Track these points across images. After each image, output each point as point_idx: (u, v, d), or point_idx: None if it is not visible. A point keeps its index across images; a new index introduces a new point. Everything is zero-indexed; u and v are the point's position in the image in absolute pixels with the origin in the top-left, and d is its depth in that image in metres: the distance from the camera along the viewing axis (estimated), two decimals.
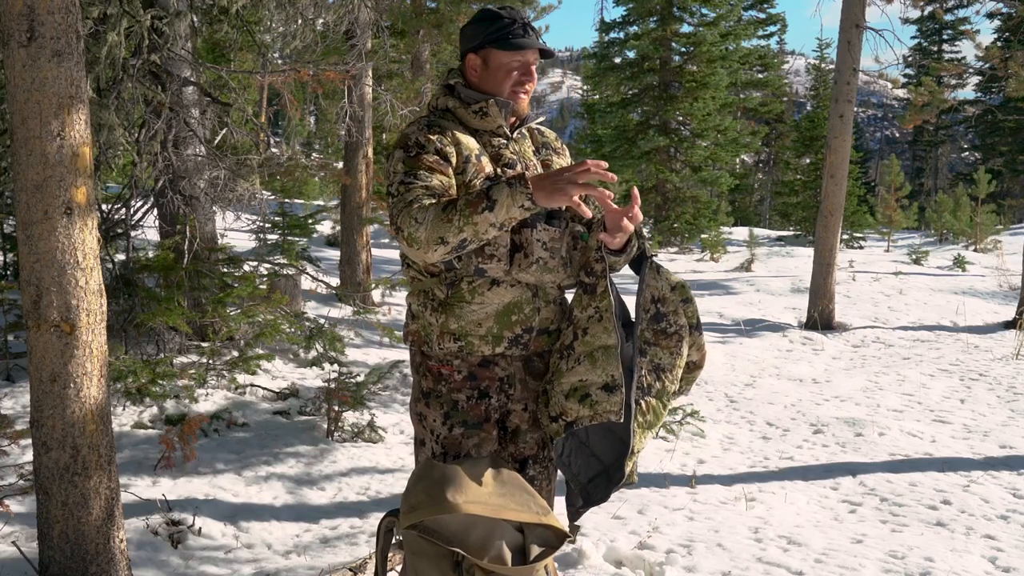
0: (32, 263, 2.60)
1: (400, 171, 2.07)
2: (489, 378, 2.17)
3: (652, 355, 2.14)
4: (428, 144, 2.09)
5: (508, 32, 2.16)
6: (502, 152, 2.20)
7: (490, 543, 1.94)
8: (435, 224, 1.94)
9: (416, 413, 2.24)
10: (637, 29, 20.25)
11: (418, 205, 1.97)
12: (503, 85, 2.19)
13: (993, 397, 6.15)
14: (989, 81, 31.24)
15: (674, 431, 5.09)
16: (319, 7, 6.23)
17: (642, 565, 3.32)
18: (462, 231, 1.94)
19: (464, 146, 2.13)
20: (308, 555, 3.46)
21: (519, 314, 2.16)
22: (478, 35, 2.19)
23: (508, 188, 1.93)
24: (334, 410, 4.86)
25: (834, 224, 9.11)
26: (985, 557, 3.47)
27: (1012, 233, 21.81)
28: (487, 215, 1.92)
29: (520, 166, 2.20)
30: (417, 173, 2.04)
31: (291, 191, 12.35)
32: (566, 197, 1.92)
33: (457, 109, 2.21)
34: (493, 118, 2.19)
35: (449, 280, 2.14)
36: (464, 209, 1.93)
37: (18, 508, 3.53)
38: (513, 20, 2.17)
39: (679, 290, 2.19)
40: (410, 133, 2.14)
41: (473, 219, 1.93)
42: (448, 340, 2.15)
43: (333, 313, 7.97)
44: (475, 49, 2.20)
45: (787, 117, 31.75)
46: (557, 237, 2.18)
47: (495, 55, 2.18)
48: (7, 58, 2.53)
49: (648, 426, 2.11)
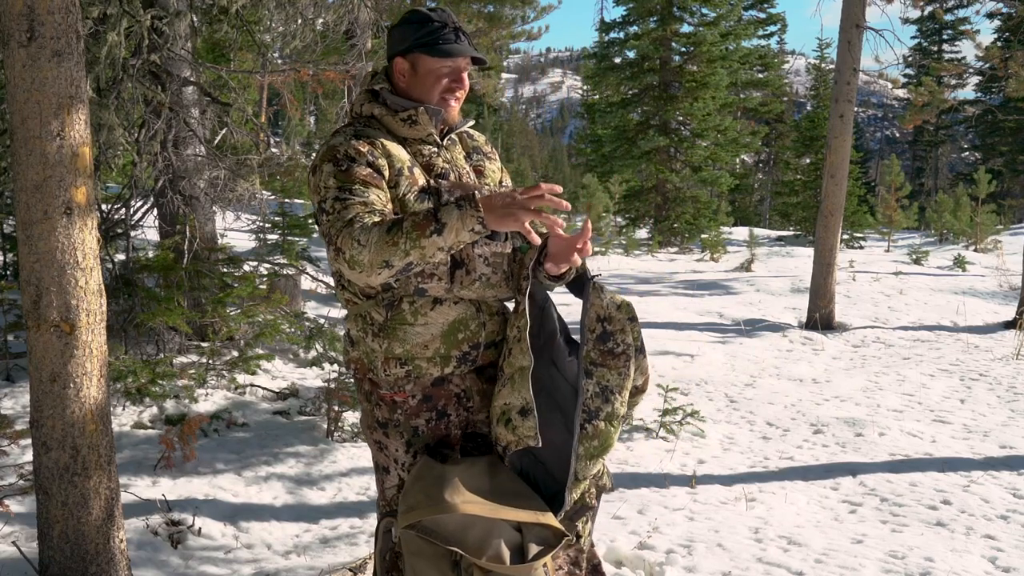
0: (32, 263, 2.60)
1: (332, 186, 1.94)
2: (445, 396, 2.10)
3: (599, 376, 2.02)
4: (359, 156, 1.97)
5: (439, 37, 2.05)
6: (433, 161, 2.11)
7: (488, 542, 1.94)
8: (379, 247, 1.83)
9: (374, 441, 2.16)
10: (637, 29, 20.28)
11: (360, 225, 1.85)
12: (432, 92, 2.08)
13: (993, 397, 6.14)
14: (989, 81, 31.25)
15: (674, 431, 5.09)
16: (319, 7, 6.23)
17: (642, 565, 3.32)
18: (408, 255, 1.83)
19: (395, 158, 2.02)
20: (308, 555, 3.46)
21: (465, 331, 2.09)
22: (407, 38, 2.07)
23: (458, 211, 1.82)
24: (334, 410, 4.86)
25: (834, 224, 9.10)
26: (985, 557, 3.47)
27: (1012, 233, 21.81)
28: (435, 239, 1.82)
29: (453, 175, 2.11)
30: (352, 188, 1.93)
31: (291, 191, 12.34)
32: (517, 223, 1.82)
33: (383, 116, 2.10)
34: (423, 126, 2.08)
35: (387, 301, 2.05)
36: (411, 232, 1.82)
37: (18, 508, 3.53)
38: (444, 24, 2.06)
39: (624, 308, 2.08)
40: (337, 145, 2.00)
41: (420, 242, 1.82)
42: (394, 366, 2.06)
43: (333, 313, 7.96)
44: (403, 53, 2.08)
45: (787, 117, 31.77)
46: (499, 251, 2.11)
47: (424, 60, 2.06)
48: (7, 58, 2.53)
49: (595, 453, 2.01)
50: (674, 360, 7.29)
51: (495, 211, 1.82)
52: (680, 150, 20.19)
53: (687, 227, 19.25)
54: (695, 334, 8.50)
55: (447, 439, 2.13)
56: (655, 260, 16.54)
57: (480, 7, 12.16)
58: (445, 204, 1.87)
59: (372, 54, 8.60)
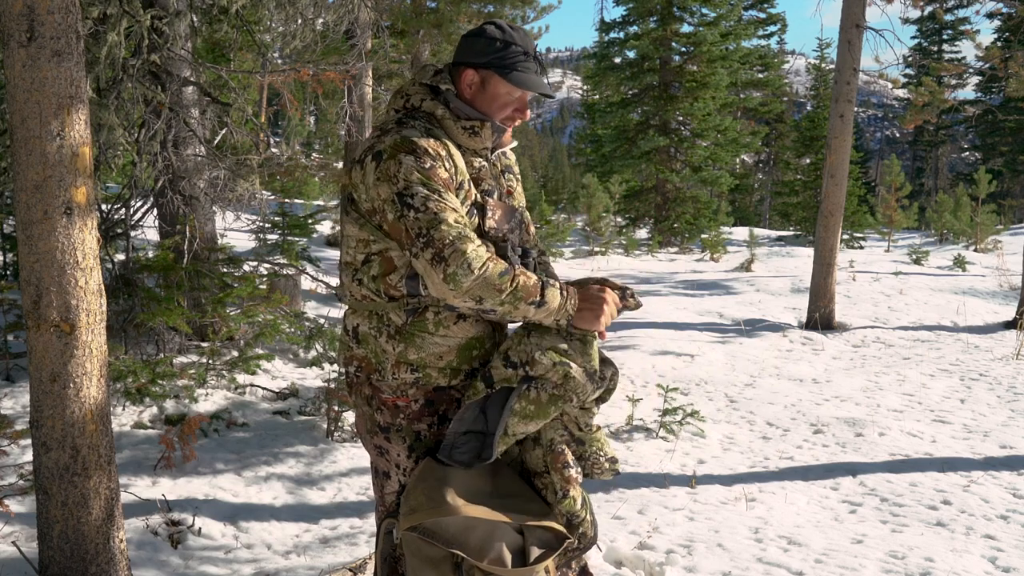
0: (32, 263, 2.60)
1: (416, 180, 1.89)
2: (447, 401, 2.09)
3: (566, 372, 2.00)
4: (438, 157, 1.93)
5: (518, 64, 2.01)
6: (482, 175, 2.08)
7: (490, 545, 1.94)
8: (485, 284, 1.85)
9: (375, 446, 2.14)
10: (637, 29, 20.28)
11: (474, 248, 1.85)
12: (496, 113, 2.05)
13: (993, 397, 6.14)
14: (989, 81, 31.30)
15: (674, 431, 5.09)
16: (319, 7, 6.22)
17: (642, 565, 3.32)
18: (502, 305, 1.89)
19: (459, 169, 1.99)
20: (308, 555, 3.46)
21: (480, 349, 2.08)
22: (485, 53, 2.02)
23: (560, 299, 1.93)
24: (334, 410, 4.86)
25: (834, 224, 9.10)
26: (985, 557, 3.47)
27: (1012, 233, 21.81)
28: (531, 309, 1.91)
29: (497, 193, 2.11)
30: (439, 190, 1.89)
31: (291, 191, 12.33)
32: (595, 326, 1.96)
33: (445, 119, 2.03)
34: (483, 139, 2.05)
35: (411, 307, 2.01)
36: (518, 290, 1.89)
37: (18, 508, 3.53)
38: (526, 52, 2.02)
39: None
40: (415, 139, 1.94)
41: (518, 304, 1.90)
42: (404, 371, 2.04)
43: (333, 313, 7.96)
44: (476, 66, 2.03)
45: (787, 117, 31.77)
46: None
47: (497, 82, 2.02)
48: (7, 58, 2.53)
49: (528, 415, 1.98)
50: (674, 360, 7.29)
51: (585, 315, 1.96)
52: (680, 150, 20.20)
53: (687, 227, 19.26)
54: (695, 334, 8.50)
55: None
56: (655, 260, 16.54)
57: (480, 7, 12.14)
58: (547, 283, 1.94)
59: (372, 54, 8.61)
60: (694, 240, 19.07)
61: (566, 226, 17.36)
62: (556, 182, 35.16)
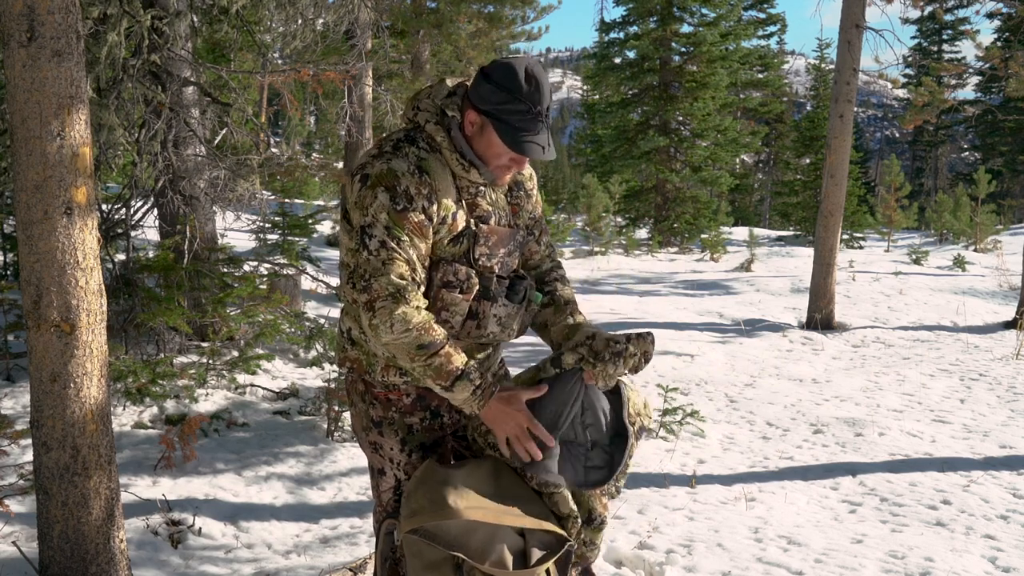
0: (32, 263, 2.60)
1: (382, 222, 1.90)
2: (438, 398, 2.12)
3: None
4: (417, 199, 1.92)
5: (517, 123, 1.92)
6: (478, 201, 2.07)
7: (491, 547, 1.94)
8: (403, 347, 1.93)
9: (369, 443, 2.19)
10: (637, 29, 20.26)
11: (403, 311, 1.89)
12: (491, 160, 2.00)
13: (993, 397, 6.14)
14: (989, 81, 31.28)
15: (674, 431, 5.09)
16: (319, 7, 6.23)
17: (642, 565, 3.32)
18: (413, 372, 1.99)
19: (444, 206, 1.97)
20: (308, 555, 3.46)
21: (469, 358, 2.07)
22: (489, 100, 1.93)
23: (471, 395, 1.98)
24: (334, 410, 4.86)
25: (834, 224, 9.10)
26: (985, 557, 3.47)
27: (1012, 233, 21.79)
28: (438, 389, 1.99)
29: (495, 218, 2.08)
30: (400, 237, 1.90)
31: (291, 191, 12.33)
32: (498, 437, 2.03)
33: (443, 147, 2.00)
34: (474, 177, 2.03)
35: None
36: (430, 368, 1.95)
37: (18, 508, 3.53)
38: (529, 110, 1.91)
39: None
40: (399, 174, 1.92)
41: (427, 380, 1.98)
42: (393, 374, 2.10)
43: (333, 313, 7.96)
44: (479, 110, 1.96)
45: (787, 117, 31.75)
46: (513, 313, 2.11)
47: (494, 135, 1.95)
48: (7, 58, 2.53)
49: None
50: (674, 360, 7.29)
51: (492, 419, 2.02)
52: (680, 150, 20.19)
53: (687, 227, 19.24)
54: (695, 334, 8.50)
55: (442, 440, 2.15)
56: (655, 260, 16.53)
57: (480, 7, 12.14)
58: (467, 377, 1.97)
59: (372, 54, 8.61)
60: (694, 240, 19.06)
61: (566, 226, 17.36)
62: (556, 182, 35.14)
